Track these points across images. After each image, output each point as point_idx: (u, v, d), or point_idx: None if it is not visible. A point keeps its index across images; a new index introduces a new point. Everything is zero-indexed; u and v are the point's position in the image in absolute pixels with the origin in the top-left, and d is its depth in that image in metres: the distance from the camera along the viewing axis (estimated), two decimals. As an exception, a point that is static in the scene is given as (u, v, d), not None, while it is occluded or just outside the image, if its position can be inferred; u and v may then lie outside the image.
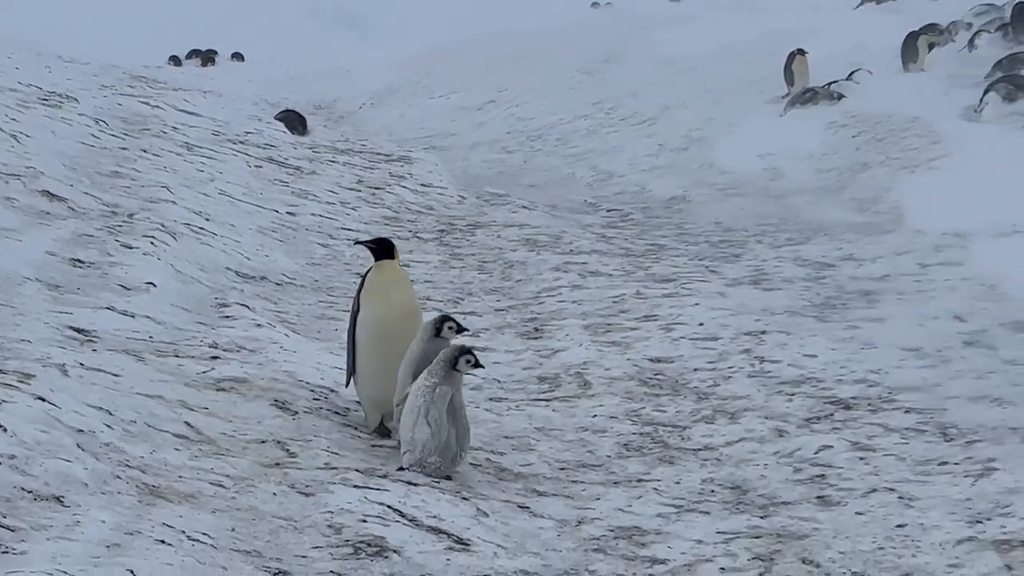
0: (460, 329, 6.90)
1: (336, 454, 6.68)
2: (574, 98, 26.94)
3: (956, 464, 6.82)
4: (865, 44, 25.54)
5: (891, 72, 23.45)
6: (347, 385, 7.43)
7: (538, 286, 11.50)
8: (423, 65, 34.50)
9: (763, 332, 9.60)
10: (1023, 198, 13.01)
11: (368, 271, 7.38)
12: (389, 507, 6.02)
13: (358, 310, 7.27)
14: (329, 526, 5.78)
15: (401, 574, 5.41)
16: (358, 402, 7.41)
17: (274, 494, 6.05)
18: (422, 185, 16.04)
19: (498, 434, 7.56)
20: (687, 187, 17.65)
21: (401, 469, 6.62)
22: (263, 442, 6.69)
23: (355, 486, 6.23)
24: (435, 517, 6.01)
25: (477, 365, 6.60)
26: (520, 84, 29.05)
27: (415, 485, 6.33)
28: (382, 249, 7.38)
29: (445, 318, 6.92)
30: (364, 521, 5.84)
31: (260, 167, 15.16)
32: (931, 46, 24.00)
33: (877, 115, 19.43)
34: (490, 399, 8.25)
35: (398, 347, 6.96)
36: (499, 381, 8.69)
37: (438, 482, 6.43)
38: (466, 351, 6.59)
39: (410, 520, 5.93)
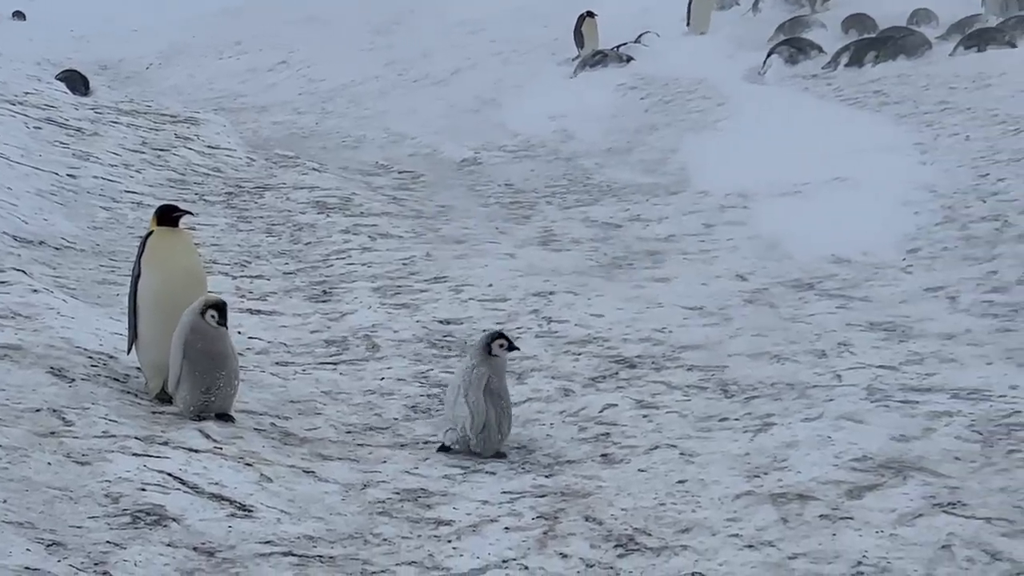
0: (511, 347, 6.69)
1: (115, 422, 6.51)
2: (366, 60, 26.81)
3: (736, 420, 6.95)
4: (653, 7, 25.92)
5: (678, 35, 23.85)
6: (128, 351, 7.25)
7: (327, 249, 11.40)
8: (213, 25, 33.93)
9: (551, 293, 9.66)
10: (804, 159, 13.32)
11: (149, 235, 7.19)
12: (169, 475, 5.89)
13: (139, 275, 7.10)
14: (106, 495, 5.63)
15: (181, 542, 5.29)
16: (139, 368, 7.24)
17: (49, 464, 5.87)
18: (209, 147, 15.76)
19: (284, 398, 7.46)
20: (478, 149, 17.71)
21: (443, 448, 6.62)
22: (38, 411, 6.48)
23: (134, 454, 6.08)
24: (217, 484, 5.90)
25: (511, 348, 6.64)
26: (312, 45, 28.77)
27: (196, 452, 6.21)
28: (164, 213, 7.21)
29: (497, 335, 6.65)
30: (143, 490, 5.71)
31: (39, 128, 14.70)
32: None
33: (664, 77, 19.74)
34: (276, 363, 8.15)
35: (180, 312, 6.81)
36: (286, 345, 8.59)
37: (221, 448, 6.32)
38: (499, 335, 6.63)
39: (191, 487, 5.81)
